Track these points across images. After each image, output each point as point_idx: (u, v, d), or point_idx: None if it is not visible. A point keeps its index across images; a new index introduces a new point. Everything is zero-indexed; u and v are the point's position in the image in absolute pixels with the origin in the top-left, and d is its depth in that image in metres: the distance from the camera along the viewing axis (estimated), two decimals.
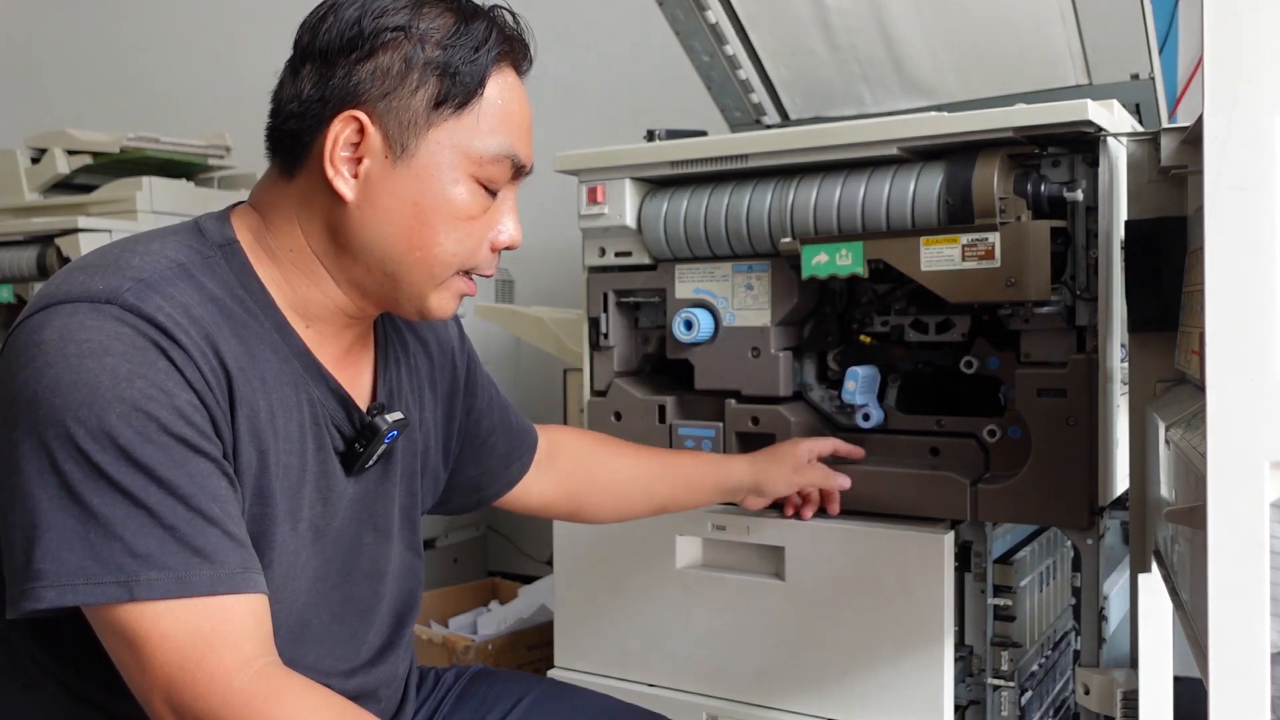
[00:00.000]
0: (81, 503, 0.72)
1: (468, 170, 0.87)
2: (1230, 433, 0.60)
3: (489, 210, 0.90)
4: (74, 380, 0.73)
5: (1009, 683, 1.28)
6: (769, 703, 1.35)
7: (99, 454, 0.73)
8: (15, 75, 3.92)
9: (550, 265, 2.66)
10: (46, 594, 0.72)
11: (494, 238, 0.91)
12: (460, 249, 0.88)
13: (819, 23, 1.64)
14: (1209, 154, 0.60)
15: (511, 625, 2.11)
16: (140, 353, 0.76)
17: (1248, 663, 0.59)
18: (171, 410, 0.75)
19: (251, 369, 0.83)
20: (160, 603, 0.73)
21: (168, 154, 2.55)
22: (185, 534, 0.74)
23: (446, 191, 0.86)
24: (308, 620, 0.89)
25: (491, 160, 0.87)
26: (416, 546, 1.04)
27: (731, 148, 1.36)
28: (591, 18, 2.65)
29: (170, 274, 0.81)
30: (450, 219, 0.87)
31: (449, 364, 1.09)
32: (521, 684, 1.13)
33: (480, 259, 0.91)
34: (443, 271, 0.89)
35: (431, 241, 0.87)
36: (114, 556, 0.72)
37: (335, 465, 0.90)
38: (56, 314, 0.76)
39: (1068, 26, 1.51)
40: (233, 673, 0.73)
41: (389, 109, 0.84)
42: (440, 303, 0.91)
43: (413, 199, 0.86)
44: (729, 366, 1.39)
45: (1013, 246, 1.18)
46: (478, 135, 0.86)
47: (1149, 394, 1.14)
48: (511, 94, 0.89)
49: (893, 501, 1.29)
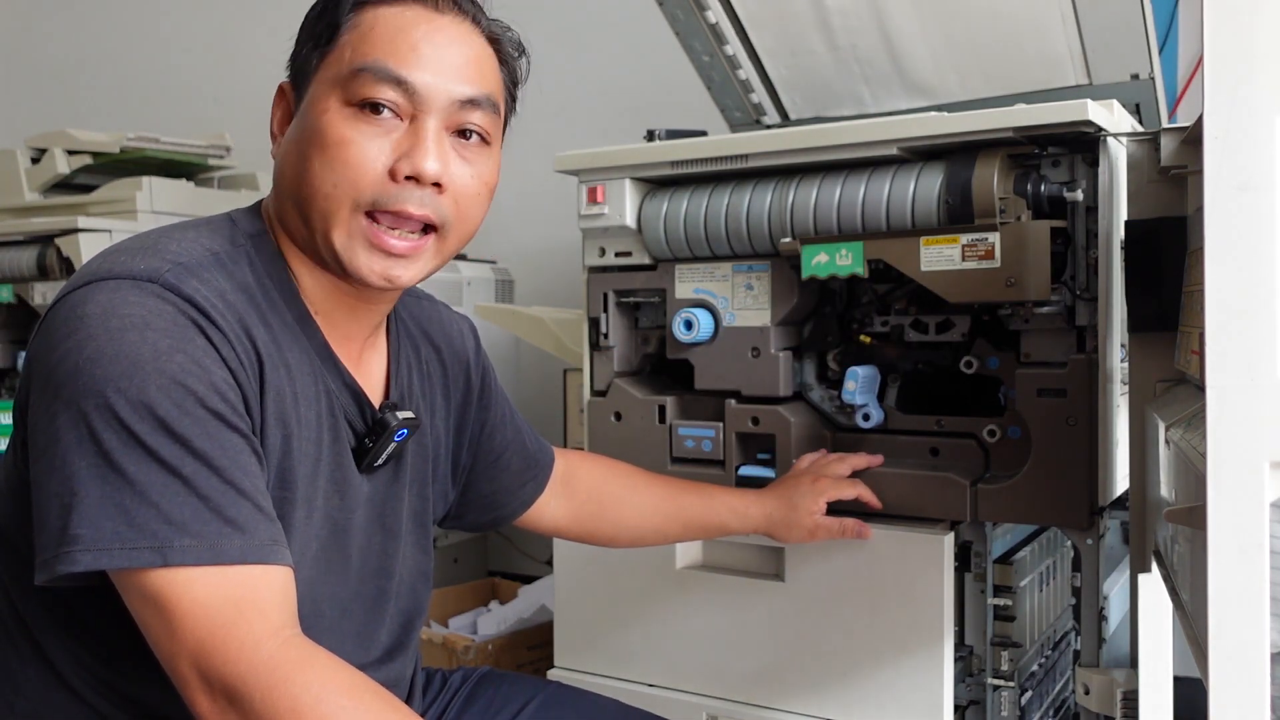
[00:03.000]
0: (119, 470, 0.73)
1: (337, 98, 0.86)
2: (1230, 433, 0.60)
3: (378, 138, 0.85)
4: (115, 352, 0.75)
5: (1009, 683, 1.28)
6: (769, 703, 1.35)
7: (138, 424, 0.74)
8: (15, 75, 3.92)
9: (550, 265, 2.66)
10: (83, 557, 0.72)
11: (395, 165, 0.85)
12: (339, 178, 0.84)
13: (819, 23, 1.64)
14: (1209, 154, 0.60)
15: (511, 625, 2.11)
16: (180, 329, 0.78)
17: (1248, 663, 0.59)
18: (208, 386, 0.77)
19: (278, 356, 0.85)
20: (193, 569, 0.73)
21: (168, 154, 2.55)
22: (219, 504, 0.75)
23: (317, 122, 0.86)
24: (321, 611, 0.90)
25: (351, 76, 0.85)
26: (427, 550, 1.05)
27: (731, 148, 1.36)
28: (591, 18, 2.65)
29: (206, 261, 0.83)
30: (319, 148, 0.85)
31: (463, 374, 1.10)
32: (528, 687, 1.13)
33: (373, 191, 0.85)
34: (330, 206, 0.85)
35: (310, 174, 0.85)
36: (149, 523, 0.73)
37: (349, 459, 0.92)
38: (100, 289, 0.78)
39: (1068, 26, 1.51)
40: (261, 640, 0.74)
41: (296, 70, 0.90)
42: (349, 252, 0.86)
43: (296, 137, 0.88)
44: (729, 366, 1.39)
45: (1013, 246, 1.18)
46: (342, 61, 0.87)
47: (1149, 394, 1.14)
48: (389, 18, 0.87)
49: (893, 501, 1.29)
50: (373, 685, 0.78)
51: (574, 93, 2.67)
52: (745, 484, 1.36)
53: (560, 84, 2.68)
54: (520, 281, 2.65)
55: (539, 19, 2.70)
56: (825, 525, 1.26)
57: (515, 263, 2.66)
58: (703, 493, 1.28)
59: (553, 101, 2.70)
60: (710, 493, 1.28)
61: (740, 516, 1.27)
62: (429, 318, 1.09)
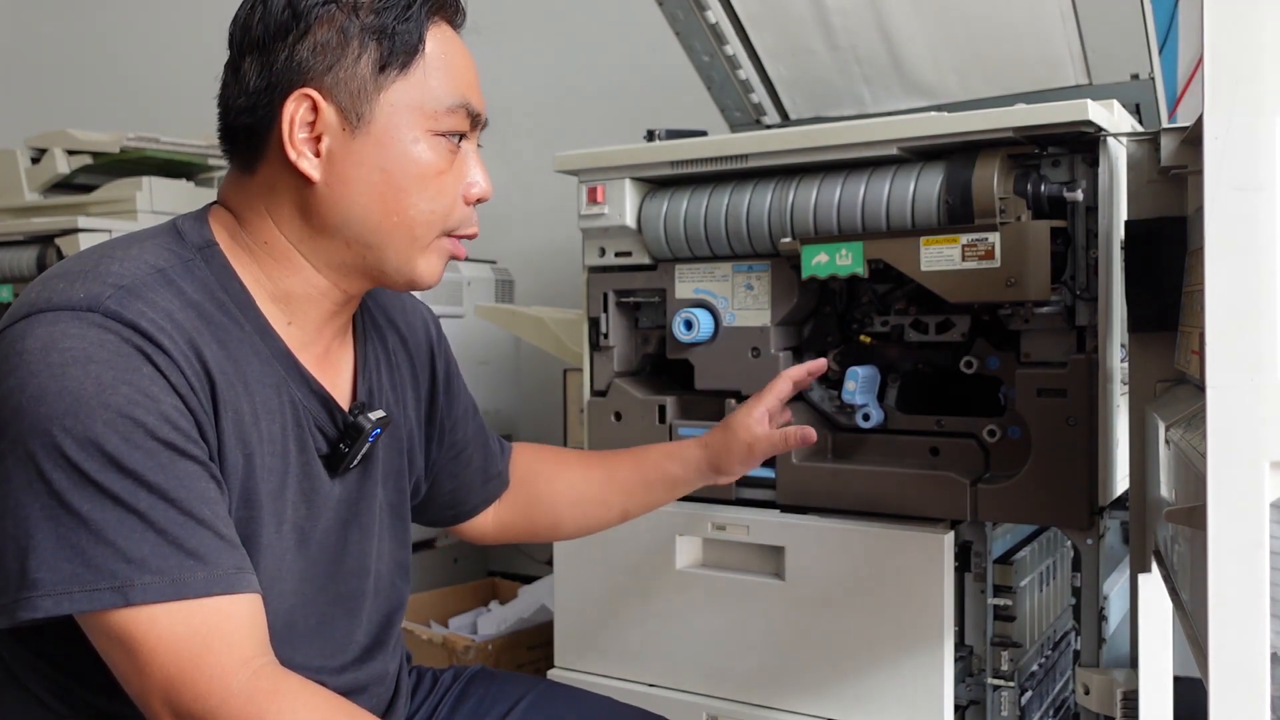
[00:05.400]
0: (72, 511, 0.72)
1: (426, 127, 0.87)
2: (1230, 433, 0.60)
3: (455, 166, 0.90)
4: (59, 389, 0.73)
5: (1009, 683, 1.28)
6: (769, 703, 1.35)
7: (86, 462, 0.72)
8: (15, 75, 3.92)
9: (550, 265, 2.66)
10: (43, 603, 0.71)
11: (465, 191, 0.90)
12: (436, 207, 0.88)
13: (819, 23, 1.64)
14: (1209, 154, 0.60)
15: (511, 625, 2.11)
16: (124, 359, 0.75)
17: (1248, 663, 0.59)
18: (157, 415, 0.75)
19: (234, 373, 0.83)
20: (156, 606, 0.73)
21: (168, 154, 2.55)
22: (177, 537, 0.74)
23: (410, 151, 0.86)
24: (294, 621, 0.89)
25: (446, 112, 0.87)
26: (405, 543, 1.04)
27: (731, 148, 1.36)
28: (591, 18, 2.65)
29: (151, 280, 0.80)
30: (419, 178, 0.87)
31: (428, 362, 1.09)
32: (520, 685, 1.13)
33: (458, 216, 0.90)
34: (425, 233, 0.88)
35: (407, 204, 0.87)
36: (107, 563, 0.72)
37: (318, 467, 0.90)
38: (38, 323, 0.76)
39: (1068, 27, 1.51)
40: (230, 673, 0.73)
41: (336, 81, 0.85)
42: (428, 267, 0.91)
43: (380, 165, 0.86)
44: (729, 366, 1.39)
45: (1013, 246, 1.18)
46: (428, 91, 0.87)
47: (1149, 394, 1.14)
48: (452, 46, 0.90)
49: (893, 501, 1.29)
50: (347, 705, 0.78)
51: (574, 93, 2.67)
52: None
53: (560, 84, 2.68)
54: (520, 281, 2.65)
55: (539, 19, 2.71)
56: (764, 437, 1.19)
57: (515, 263, 2.65)
58: (635, 451, 1.24)
59: (553, 101, 2.70)
60: (642, 449, 1.24)
61: (677, 458, 1.21)
62: (394, 305, 1.07)
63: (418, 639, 2.04)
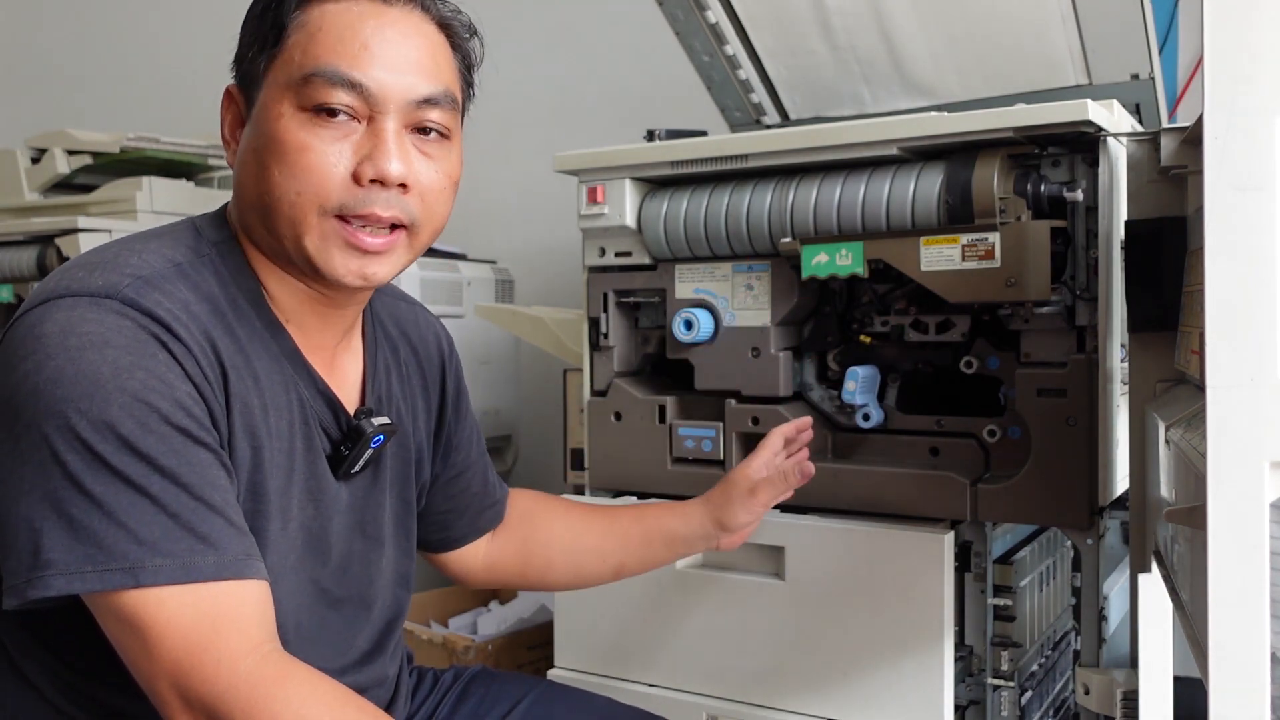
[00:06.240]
0: (85, 492, 0.73)
1: (290, 103, 0.83)
2: (1230, 433, 0.60)
3: (338, 143, 0.83)
4: (75, 372, 0.74)
5: (1009, 683, 1.28)
6: (769, 703, 1.35)
7: (101, 444, 0.73)
8: (15, 75, 3.91)
9: (550, 265, 2.66)
10: (55, 582, 0.72)
11: (358, 169, 0.84)
12: (303, 186, 0.83)
13: (819, 23, 1.64)
14: (1209, 154, 0.60)
15: (511, 625, 2.11)
16: (141, 345, 0.76)
17: (1248, 663, 0.59)
18: (172, 401, 0.76)
19: (245, 367, 0.83)
20: (166, 588, 0.73)
21: (168, 154, 2.55)
22: (189, 521, 0.74)
23: (272, 129, 0.84)
24: (299, 621, 0.89)
25: (302, 81, 0.83)
26: (409, 554, 1.04)
27: (731, 148, 1.36)
28: (591, 18, 2.65)
29: (167, 272, 0.82)
30: (279, 155, 0.83)
31: (439, 376, 1.09)
32: (520, 685, 1.13)
33: (338, 197, 0.83)
34: (297, 215, 0.83)
35: (271, 184, 0.83)
36: (119, 544, 0.72)
37: (323, 467, 0.90)
38: (57, 308, 0.77)
39: (1068, 26, 1.51)
40: (239, 657, 0.74)
41: (242, 74, 0.89)
42: (323, 255, 0.84)
43: (254, 146, 0.86)
44: (729, 366, 1.39)
45: (1013, 246, 1.18)
46: (291, 65, 0.84)
47: (1149, 394, 1.14)
48: (333, 19, 0.84)
49: (893, 501, 1.29)
50: (354, 697, 0.78)
51: (574, 93, 2.67)
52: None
53: (560, 84, 2.68)
54: (520, 281, 2.65)
55: (540, 19, 2.71)
56: (764, 480, 1.19)
57: (515, 263, 2.65)
58: (638, 506, 1.24)
59: (553, 101, 2.70)
60: (645, 504, 1.25)
61: (678, 514, 1.21)
62: (408, 319, 1.07)
63: (418, 639, 2.04)
